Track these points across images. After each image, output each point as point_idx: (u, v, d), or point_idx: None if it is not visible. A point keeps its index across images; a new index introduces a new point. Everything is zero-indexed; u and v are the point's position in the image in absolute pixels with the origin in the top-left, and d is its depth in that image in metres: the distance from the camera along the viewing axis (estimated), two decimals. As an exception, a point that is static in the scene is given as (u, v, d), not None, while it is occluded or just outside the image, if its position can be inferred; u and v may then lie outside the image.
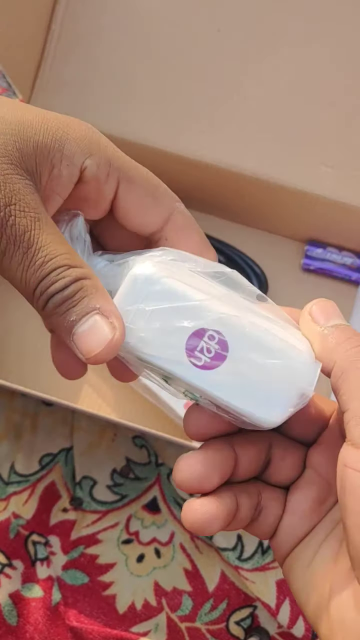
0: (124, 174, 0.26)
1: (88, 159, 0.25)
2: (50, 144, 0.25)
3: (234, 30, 0.52)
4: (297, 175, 0.52)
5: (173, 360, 0.24)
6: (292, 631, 0.50)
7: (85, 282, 0.24)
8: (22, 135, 0.24)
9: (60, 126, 0.25)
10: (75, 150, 0.25)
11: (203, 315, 0.25)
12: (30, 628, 0.50)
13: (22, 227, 0.23)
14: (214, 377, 0.24)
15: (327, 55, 0.51)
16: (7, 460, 0.55)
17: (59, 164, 0.25)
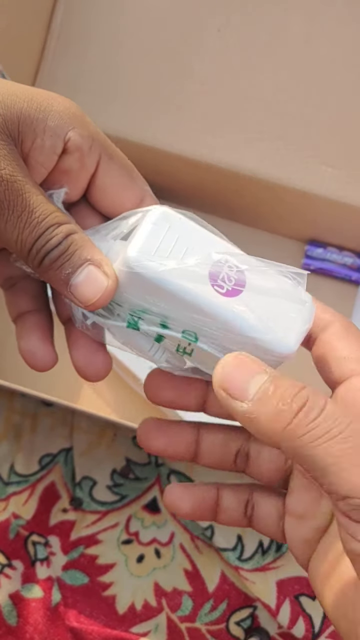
0: (105, 149, 0.27)
1: (71, 130, 0.26)
2: (34, 114, 0.25)
3: (234, 30, 0.52)
4: (297, 175, 0.52)
5: (200, 289, 0.26)
6: (292, 631, 0.50)
7: (74, 236, 0.26)
8: (6, 102, 0.25)
9: (45, 98, 0.26)
10: (59, 122, 0.26)
11: (221, 247, 0.27)
12: (30, 628, 0.50)
13: (15, 192, 0.24)
14: (236, 305, 0.26)
15: (327, 55, 0.51)
16: (7, 461, 0.55)
17: (42, 134, 0.26)
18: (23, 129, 0.25)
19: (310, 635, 0.50)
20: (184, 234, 0.26)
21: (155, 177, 0.59)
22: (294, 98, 0.52)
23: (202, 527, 0.52)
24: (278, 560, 0.52)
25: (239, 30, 0.52)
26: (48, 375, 0.55)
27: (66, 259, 0.25)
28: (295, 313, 0.26)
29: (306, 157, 0.52)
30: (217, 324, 0.26)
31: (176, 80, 0.53)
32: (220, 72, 0.52)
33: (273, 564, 0.51)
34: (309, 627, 0.50)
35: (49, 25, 0.53)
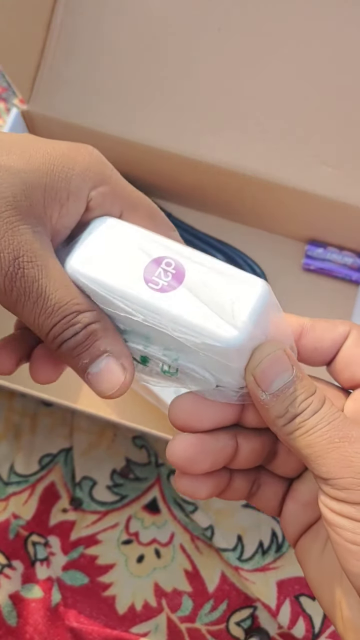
0: (127, 202, 0.28)
1: (93, 190, 0.27)
2: (57, 185, 0.26)
3: (234, 30, 0.52)
4: (297, 175, 0.52)
5: (134, 287, 0.25)
6: (292, 632, 0.50)
7: (94, 325, 0.26)
8: (30, 183, 0.25)
9: (66, 162, 0.26)
10: (81, 184, 0.26)
11: (159, 246, 0.26)
12: (30, 629, 0.50)
13: (30, 278, 0.25)
14: (171, 299, 0.25)
15: (327, 55, 0.51)
16: (7, 461, 0.55)
17: (67, 202, 0.26)
18: (48, 203, 0.26)
19: (310, 635, 0.49)
20: (123, 237, 0.26)
21: (155, 177, 0.59)
22: (294, 98, 0.52)
23: (202, 528, 0.52)
24: (278, 560, 0.51)
25: (239, 30, 0.52)
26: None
27: (84, 349, 0.26)
28: (242, 302, 0.25)
29: (306, 157, 0.52)
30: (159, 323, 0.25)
31: (176, 80, 0.53)
32: (220, 72, 0.52)
33: (273, 564, 0.51)
34: (309, 627, 0.50)
35: (49, 25, 0.53)
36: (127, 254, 0.26)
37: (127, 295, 0.25)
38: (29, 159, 0.26)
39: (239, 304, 0.25)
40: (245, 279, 0.25)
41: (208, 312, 0.25)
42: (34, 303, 0.25)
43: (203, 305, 0.25)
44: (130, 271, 0.26)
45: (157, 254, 0.26)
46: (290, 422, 0.25)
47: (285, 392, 0.25)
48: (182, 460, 0.27)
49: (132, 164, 0.55)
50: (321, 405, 0.25)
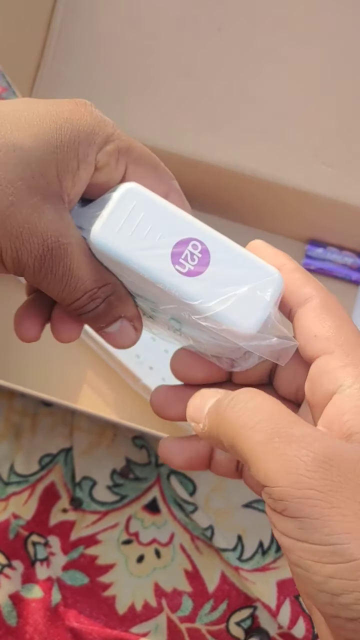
0: (131, 157, 0.28)
1: (99, 152, 0.27)
2: (67, 156, 0.26)
3: (234, 29, 0.52)
4: (297, 175, 0.52)
5: (160, 269, 0.26)
6: (293, 632, 0.50)
7: (112, 297, 0.28)
8: (44, 160, 0.25)
9: (71, 130, 0.26)
10: (88, 150, 0.27)
11: (187, 226, 0.27)
12: (30, 629, 0.50)
13: (57, 258, 0.26)
14: (197, 284, 0.26)
15: (328, 54, 0.51)
16: (7, 461, 0.55)
17: (78, 171, 0.27)
18: (62, 176, 0.26)
19: (310, 635, 0.49)
20: (151, 211, 0.26)
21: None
22: (294, 98, 0.52)
23: (202, 528, 0.52)
24: (278, 560, 0.51)
25: (239, 30, 0.52)
26: (48, 375, 0.55)
27: (103, 317, 0.28)
28: (260, 291, 0.26)
29: (306, 157, 0.52)
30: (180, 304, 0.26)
31: (176, 80, 0.53)
32: (220, 72, 0.52)
33: (273, 564, 0.51)
34: (309, 628, 0.50)
35: (49, 25, 0.53)
36: (155, 229, 0.26)
37: (156, 276, 0.26)
38: (37, 134, 0.25)
39: (258, 293, 0.26)
40: (262, 267, 0.26)
41: (229, 300, 0.26)
42: (59, 280, 0.26)
43: (225, 293, 0.26)
44: (157, 250, 0.26)
45: (184, 235, 0.26)
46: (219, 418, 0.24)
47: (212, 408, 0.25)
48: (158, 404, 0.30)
49: (132, 164, 0.55)
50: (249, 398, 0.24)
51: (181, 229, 0.26)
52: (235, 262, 0.26)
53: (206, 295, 0.26)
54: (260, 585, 0.51)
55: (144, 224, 0.26)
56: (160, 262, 0.26)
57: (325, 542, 0.20)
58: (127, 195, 0.27)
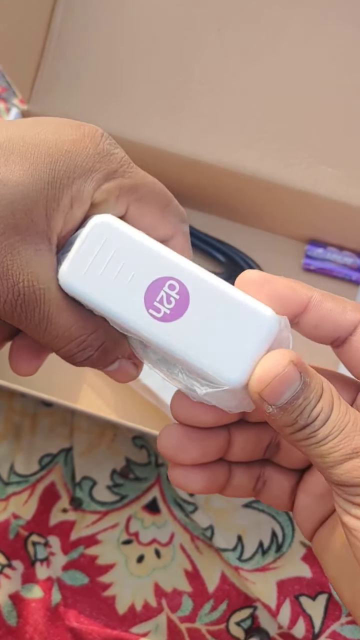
0: (135, 195, 0.26)
1: (97, 190, 0.25)
2: (60, 193, 0.24)
3: (234, 30, 0.52)
4: (297, 175, 0.52)
5: (131, 313, 0.23)
6: (292, 632, 0.50)
7: (106, 344, 0.26)
8: (31, 196, 0.23)
9: (69, 164, 0.24)
10: (84, 187, 0.24)
11: (163, 263, 0.24)
12: (30, 629, 0.50)
13: (31, 304, 0.24)
14: (173, 330, 0.23)
15: (328, 54, 0.51)
16: (7, 461, 0.55)
17: (71, 210, 0.24)
18: (51, 214, 0.24)
19: (310, 635, 0.49)
20: (123, 247, 0.24)
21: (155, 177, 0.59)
22: (294, 98, 0.52)
23: (202, 528, 0.52)
24: (278, 560, 0.51)
25: (239, 30, 0.52)
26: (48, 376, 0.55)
27: (97, 363, 0.26)
28: (248, 339, 0.23)
29: (306, 156, 0.52)
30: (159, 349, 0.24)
31: (176, 80, 0.53)
32: (220, 72, 0.52)
33: (273, 564, 0.51)
34: (309, 628, 0.50)
35: (49, 25, 0.53)
36: (127, 268, 0.23)
37: (127, 321, 0.24)
38: (28, 168, 0.23)
39: (244, 343, 0.23)
40: (253, 312, 0.23)
41: (211, 349, 0.23)
42: (37, 326, 0.24)
43: (206, 341, 0.23)
44: (129, 291, 0.23)
45: (160, 274, 0.23)
46: (300, 432, 0.23)
47: (293, 403, 0.23)
48: (169, 449, 0.26)
49: (132, 164, 0.55)
50: (331, 410, 0.23)
51: (157, 267, 0.23)
52: (219, 305, 0.23)
53: (184, 343, 0.23)
54: (260, 585, 0.51)
55: (115, 261, 0.23)
56: (133, 305, 0.23)
57: None
58: (96, 230, 0.24)
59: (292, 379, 0.23)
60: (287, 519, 0.53)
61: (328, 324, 0.25)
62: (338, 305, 0.25)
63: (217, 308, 0.23)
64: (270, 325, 0.23)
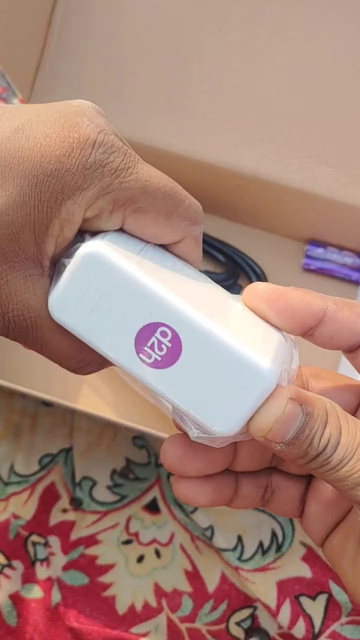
0: (131, 207, 0.24)
1: (89, 209, 0.23)
2: (48, 217, 0.22)
3: (234, 30, 0.52)
4: (297, 175, 0.52)
5: (122, 354, 0.23)
6: (293, 632, 0.50)
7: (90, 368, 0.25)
8: (16, 223, 0.22)
9: (56, 185, 0.22)
10: (73, 208, 0.23)
11: (155, 307, 0.22)
12: (30, 629, 0.50)
13: (23, 330, 0.23)
14: (164, 377, 0.22)
15: (328, 54, 0.51)
16: (7, 461, 0.55)
17: (61, 232, 0.23)
18: (40, 239, 0.23)
19: (310, 635, 0.49)
20: (114, 285, 0.22)
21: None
22: (294, 98, 0.52)
23: (202, 528, 0.52)
24: (278, 560, 0.51)
25: (239, 30, 0.52)
26: (48, 376, 0.55)
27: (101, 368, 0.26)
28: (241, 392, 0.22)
29: (306, 157, 0.52)
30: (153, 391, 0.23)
31: (176, 80, 0.53)
32: (220, 72, 0.52)
33: (273, 564, 0.51)
34: (309, 628, 0.50)
35: (49, 25, 0.53)
36: (117, 309, 0.22)
37: (116, 361, 0.23)
38: (12, 192, 0.22)
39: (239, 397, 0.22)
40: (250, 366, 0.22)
41: (203, 398, 0.22)
42: (33, 346, 0.24)
43: (198, 390, 0.22)
44: (119, 333, 0.22)
45: (152, 318, 0.22)
46: (313, 461, 0.23)
47: (300, 437, 0.22)
48: (172, 460, 0.26)
49: (132, 164, 0.55)
50: (339, 434, 0.23)
51: (149, 310, 0.22)
52: (214, 355, 0.22)
53: (175, 390, 0.22)
54: (260, 585, 0.51)
55: (105, 300, 0.22)
56: (123, 347, 0.22)
57: None
58: (85, 264, 0.22)
59: (294, 417, 0.22)
60: (287, 519, 0.53)
61: (344, 333, 0.24)
62: (353, 312, 0.24)
63: (211, 358, 0.22)
64: (267, 382, 0.22)
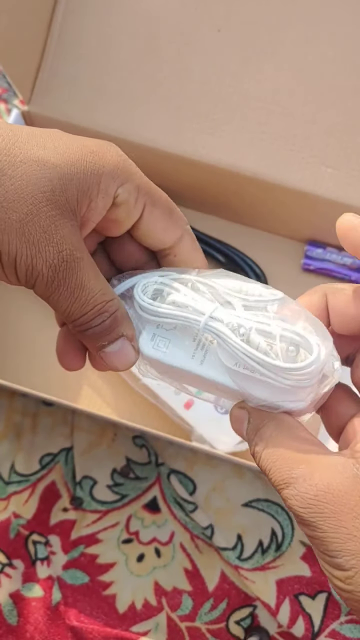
0: (150, 198, 0.29)
1: (120, 187, 0.28)
2: (90, 180, 0.27)
3: (234, 30, 0.52)
4: (297, 175, 0.52)
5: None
6: (292, 631, 0.50)
7: (117, 313, 0.29)
8: (66, 177, 0.27)
9: (97, 160, 0.28)
10: (110, 182, 0.28)
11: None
12: (30, 628, 0.50)
13: (70, 270, 0.27)
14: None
15: (327, 55, 0.51)
16: (8, 460, 0.55)
17: (96, 197, 0.28)
18: (80, 197, 0.27)
19: (310, 634, 0.50)
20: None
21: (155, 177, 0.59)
22: (294, 98, 0.52)
23: (202, 527, 0.52)
24: (278, 559, 0.52)
25: (239, 30, 0.52)
26: (48, 375, 0.55)
27: (107, 333, 0.29)
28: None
29: (306, 157, 0.52)
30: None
31: (176, 80, 0.53)
32: (220, 72, 0.52)
33: (273, 563, 0.51)
34: (308, 627, 0.50)
35: (49, 25, 0.53)
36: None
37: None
38: (63, 154, 0.27)
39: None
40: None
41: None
42: (71, 293, 0.27)
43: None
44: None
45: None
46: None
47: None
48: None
49: (132, 164, 0.55)
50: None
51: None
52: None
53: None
54: (259, 584, 0.51)
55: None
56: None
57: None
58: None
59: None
60: (286, 518, 0.53)
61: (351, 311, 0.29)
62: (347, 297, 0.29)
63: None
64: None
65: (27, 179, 0.26)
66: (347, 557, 0.24)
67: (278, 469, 0.26)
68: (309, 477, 0.25)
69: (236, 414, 0.29)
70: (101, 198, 0.28)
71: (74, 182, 0.27)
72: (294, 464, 0.26)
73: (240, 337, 0.27)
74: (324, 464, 0.25)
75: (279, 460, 0.26)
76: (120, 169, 0.28)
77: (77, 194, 0.27)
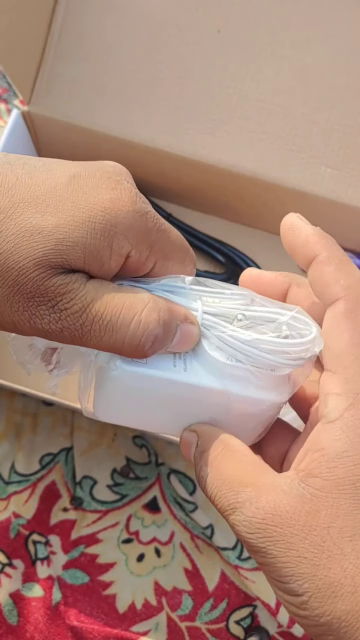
0: (162, 254, 0.27)
1: (134, 249, 0.26)
2: (99, 244, 0.25)
3: (234, 30, 0.52)
4: (297, 175, 0.52)
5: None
6: (292, 630, 0.50)
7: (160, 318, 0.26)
8: (68, 241, 0.24)
9: (110, 219, 0.25)
10: (123, 242, 0.25)
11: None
12: (30, 627, 0.50)
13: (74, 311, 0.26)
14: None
15: (327, 55, 0.51)
16: (8, 460, 0.55)
17: (108, 260, 0.25)
18: (88, 260, 0.25)
19: (309, 634, 0.50)
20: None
21: (155, 177, 0.60)
22: (294, 98, 0.52)
23: (202, 527, 0.52)
24: (278, 559, 0.52)
25: (239, 31, 0.52)
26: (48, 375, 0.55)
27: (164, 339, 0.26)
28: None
29: (306, 157, 0.52)
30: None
31: (176, 80, 0.53)
32: (220, 72, 0.52)
33: (273, 563, 0.51)
34: (308, 626, 0.50)
35: (49, 25, 0.53)
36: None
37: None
38: (66, 218, 0.25)
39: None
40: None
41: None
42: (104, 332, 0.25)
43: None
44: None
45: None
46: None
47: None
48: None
49: (132, 165, 0.55)
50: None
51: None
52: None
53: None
54: (259, 584, 0.51)
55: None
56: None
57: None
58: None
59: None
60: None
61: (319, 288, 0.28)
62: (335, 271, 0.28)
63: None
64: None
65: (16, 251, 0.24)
66: (299, 581, 0.23)
67: (224, 495, 0.25)
68: (255, 500, 0.24)
69: (185, 437, 0.28)
70: (114, 259, 0.26)
71: (79, 245, 0.25)
72: (239, 488, 0.25)
73: (234, 326, 0.27)
74: (269, 486, 0.25)
75: (224, 485, 0.25)
76: (136, 228, 0.26)
77: (83, 256, 0.25)
